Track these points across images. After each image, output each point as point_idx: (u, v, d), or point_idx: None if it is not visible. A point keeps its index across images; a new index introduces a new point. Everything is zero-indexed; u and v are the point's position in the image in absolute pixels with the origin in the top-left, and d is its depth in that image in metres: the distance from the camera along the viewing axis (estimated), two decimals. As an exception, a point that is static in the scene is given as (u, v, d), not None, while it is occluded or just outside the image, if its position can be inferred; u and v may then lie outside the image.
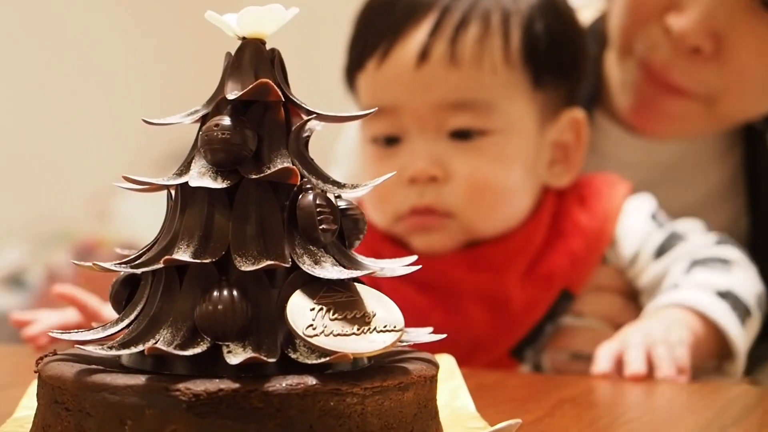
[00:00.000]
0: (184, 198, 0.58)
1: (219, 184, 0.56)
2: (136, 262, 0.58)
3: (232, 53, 0.59)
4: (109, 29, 3.53)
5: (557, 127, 0.99)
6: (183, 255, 0.55)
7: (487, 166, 0.94)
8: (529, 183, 0.97)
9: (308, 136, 0.60)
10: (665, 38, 1.04)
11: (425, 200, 0.94)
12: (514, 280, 0.95)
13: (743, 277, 0.96)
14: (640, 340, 0.86)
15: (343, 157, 1.27)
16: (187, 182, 0.56)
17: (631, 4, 1.07)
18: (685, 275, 0.94)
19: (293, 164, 0.57)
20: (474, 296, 0.96)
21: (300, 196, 0.57)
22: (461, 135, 0.94)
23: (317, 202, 0.56)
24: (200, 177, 0.56)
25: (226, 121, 0.56)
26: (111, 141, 3.45)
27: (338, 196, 0.59)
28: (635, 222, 0.98)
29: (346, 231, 0.59)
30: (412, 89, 0.94)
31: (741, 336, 0.91)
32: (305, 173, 0.58)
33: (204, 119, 0.59)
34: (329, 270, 0.56)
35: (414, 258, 0.61)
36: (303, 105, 0.59)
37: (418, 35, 0.95)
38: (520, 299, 0.95)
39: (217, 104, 0.58)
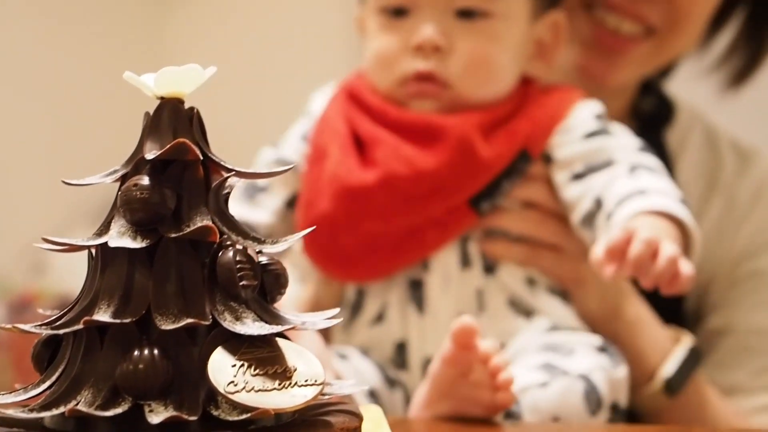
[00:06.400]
0: (104, 258, 0.58)
1: (138, 244, 0.56)
2: (57, 324, 0.58)
3: (151, 113, 0.60)
4: (35, 84, 3.51)
5: (541, 25, 1.07)
6: (103, 315, 0.55)
7: (486, 44, 1.03)
8: (514, 67, 1.06)
9: (228, 193, 0.61)
10: None
11: (429, 66, 1.02)
12: (477, 129, 1.02)
13: (673, 185, 1.02)
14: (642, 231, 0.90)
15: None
16: (106, 242, 0.57)
17: None
18: (629, 177, 1.00)
19: (213, 222, 0.58)
20: (443, 139, 1.02)
21: (220, 254, 0.57)
22: (466, 14, 1.02)
23: (237, 258, 0.57)
24: (120, 237, 0.57)
25: (145, 180, 0.57)
26: (45, 192, 3.42)
27: (259, 252, 0.60)
28: (579, 113, 1.06)
29: (267, 286, 0.60)
30: None
31: (700, 237, 0.97)
32: (225, 230, 0.58)
33: (123, 179, 0.59)
34: (250, 326, 0.56)
35: (336, 311, 0.61)
36: (222, 163, 0.60)
37: None
38: (484, 150, 1.02)
39: (136, 164, 0.59)
